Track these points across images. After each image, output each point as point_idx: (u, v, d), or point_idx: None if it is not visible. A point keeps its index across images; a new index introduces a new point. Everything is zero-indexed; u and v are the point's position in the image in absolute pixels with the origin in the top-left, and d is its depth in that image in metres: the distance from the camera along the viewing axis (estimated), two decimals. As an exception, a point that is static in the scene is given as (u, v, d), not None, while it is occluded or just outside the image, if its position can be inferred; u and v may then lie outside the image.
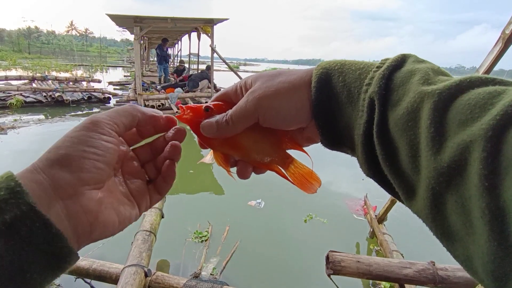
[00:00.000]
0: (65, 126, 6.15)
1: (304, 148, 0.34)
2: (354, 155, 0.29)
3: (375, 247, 2.65)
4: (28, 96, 7.78)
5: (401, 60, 0.26)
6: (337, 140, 0.29)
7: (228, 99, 0.34)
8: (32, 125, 5.98)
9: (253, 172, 0.34)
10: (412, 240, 2.88)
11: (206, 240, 2.54)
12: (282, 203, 3.46)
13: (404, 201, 0.24)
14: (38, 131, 5.66)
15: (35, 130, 5.73)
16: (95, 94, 8.78)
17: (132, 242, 1.72)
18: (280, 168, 0.34)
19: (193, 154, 5.16)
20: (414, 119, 0.22)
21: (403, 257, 2.28)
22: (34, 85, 8.50)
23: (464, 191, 0.18)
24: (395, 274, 1.56)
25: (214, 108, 0.33)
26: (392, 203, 2.64)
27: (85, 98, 8.50)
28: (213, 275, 2.14)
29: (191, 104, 0.34)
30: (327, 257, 1.56)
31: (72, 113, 7.32)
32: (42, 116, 6.79)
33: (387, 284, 2.14)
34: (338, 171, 4.38)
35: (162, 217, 2.03)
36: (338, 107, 0.28)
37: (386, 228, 2.73)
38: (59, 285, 1.76)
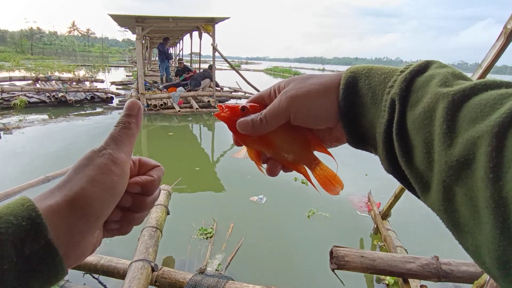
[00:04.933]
0: (68, 125, 6.20)
1: (330, 152, 0.37)
2: (377, 154, 0.30)
3: (379, 242, 2.66)
4: (32, 97, 7.84)
5: (425, 66, 0.28)
6: (361, 139, 0.32)
7: (262, 101, 0.36)
8: (36, 125, 6.03)
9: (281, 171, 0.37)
10: (416, 236, 2.88)
11: (211, 237, 2.56)
12: (283, 199, 3.48)
13: (420, 195, 0.26)
14: (43, 131, 5.71)
15: (40, 130, 5.78)
16: (98, 94, 8.83)
17: (138, 238, 1.74)
18: (307, 168, 0.37)
19: (197, 153, 5.19)
20: (429, 117, 0.24)
21: (407, 252, 2.29)
22: (37, 85, 8.55)
23: (472, 184, 0.20)
24: (399, 269, 1.57)
25: (249, 108, 0.35)
26: (395, 199, 2.64)
27: (88, 98, 8.55)
28: (218, 270, 2.16)
29: (228, 103, 0.37)
30: (331, 252, 1.58)
31: (76, 113, 7.37)
32: (46, 116, 6.85)
33: (391, 279, 2.15)
34: (340, 169, 4.36)
35: (168, 213, 2.06)
36: (363, 108, 0.30)
37: (390, 224, 2.74)
38: (67, 280, 1.79)
